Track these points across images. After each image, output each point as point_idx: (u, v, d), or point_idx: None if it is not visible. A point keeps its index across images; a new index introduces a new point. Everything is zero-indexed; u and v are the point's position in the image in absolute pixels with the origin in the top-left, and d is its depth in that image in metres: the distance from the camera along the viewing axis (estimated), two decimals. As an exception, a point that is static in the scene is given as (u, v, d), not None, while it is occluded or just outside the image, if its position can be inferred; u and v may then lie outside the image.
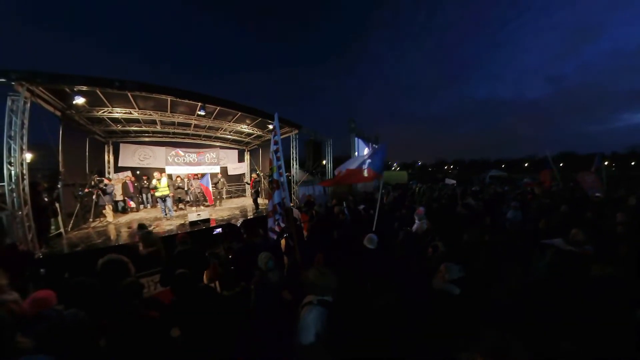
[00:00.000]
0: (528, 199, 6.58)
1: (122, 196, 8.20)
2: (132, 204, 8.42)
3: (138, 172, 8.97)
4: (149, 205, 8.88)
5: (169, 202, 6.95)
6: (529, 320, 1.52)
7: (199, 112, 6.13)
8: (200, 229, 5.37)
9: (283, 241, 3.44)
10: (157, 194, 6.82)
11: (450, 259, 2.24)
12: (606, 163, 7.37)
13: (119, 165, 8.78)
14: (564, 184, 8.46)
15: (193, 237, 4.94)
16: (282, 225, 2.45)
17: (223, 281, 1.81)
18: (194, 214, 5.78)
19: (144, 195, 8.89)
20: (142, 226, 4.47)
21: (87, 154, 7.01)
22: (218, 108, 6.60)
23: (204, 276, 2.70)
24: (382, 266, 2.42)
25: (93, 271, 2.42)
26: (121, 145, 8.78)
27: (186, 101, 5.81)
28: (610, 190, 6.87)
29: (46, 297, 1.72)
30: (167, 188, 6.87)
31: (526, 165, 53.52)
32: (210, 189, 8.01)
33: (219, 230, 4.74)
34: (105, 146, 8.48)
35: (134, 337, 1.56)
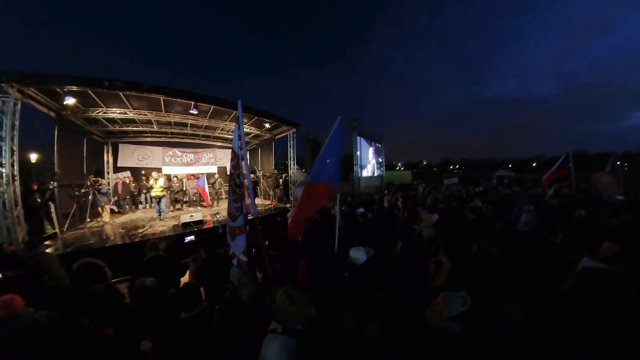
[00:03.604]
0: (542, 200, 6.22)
1: (114, 197, 8.17)
2: (114, 206, 8.04)
3: (143, 172, 9.00)
4: (147, 205, 8.89)
5: (163, 203, 6.91)
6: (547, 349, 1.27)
7: (192, 111, 6.06)
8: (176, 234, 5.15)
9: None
10: (152, 194, 6.82)
11: (456, 278, 1.93)
12: (618, 163, 6.90)
13: (118, 165, 8.81)
14: (576, 185, 7.95)
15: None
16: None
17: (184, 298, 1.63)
18: (187, 215, 5.71)
19: (143, 196, 8.92)
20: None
21: (84, 154, 7.02)
22: (212, 107, 6.52)
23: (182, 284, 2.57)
24: (371, 285, 1.90)
25: (70, 274, 2.35)
26: (120, 145, 8.81)
27: (179, 100, 5.75)
28: (627, 192, 6.47)
29: (12, 299, 1.65)
30: (162, 189, 6.83)
31: (534, 165, 52.28)
32: (207, 189, 7.94)
33: (192, 238, 4.47)
34: (104, 146, 8.52)
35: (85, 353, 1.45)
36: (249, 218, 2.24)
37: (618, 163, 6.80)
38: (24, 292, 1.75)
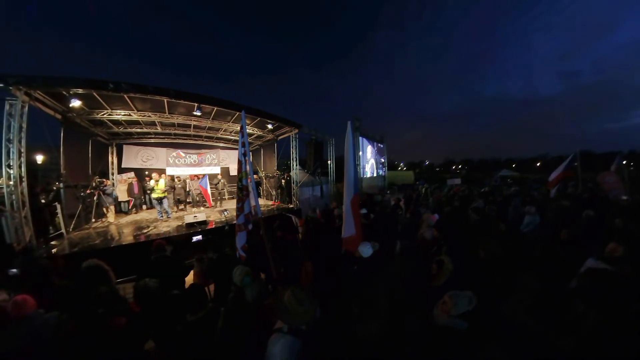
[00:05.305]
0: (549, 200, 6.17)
1: (127, 196, 8.32)
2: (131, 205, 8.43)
3: (147, 172, 9.08)
4: (152, 206, 8.99)
5: (165, 204, 6.96)
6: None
7: (195, 113, 6.12)
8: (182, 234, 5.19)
9: None
10: (153, 195, 6.85)
11: (458, 278, 1.92)
12: (624, 162, 6.81)
13: (122, 166, 8.90)
14: (583, 185, 7.83)
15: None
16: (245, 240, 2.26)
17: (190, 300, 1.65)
18: (190, 216, 5.75)
19: (147, 196, 9.01)
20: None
21: (90, 155, 7.11)
22: (215, 108, 6.57)
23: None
24: (374, 281, 2.00)
25: (77, 275, 2.39)
26: (124, 146, 8.90)
27: (182, 102, 5.81)
28: (633, 192, 6.39)
29: (26, 300, 1.70)
30: (162, 190, 6.84)
31: (538, 164, 51.80)
32: (209, 190, 8.00)
33: (199, 237, 4.50)
34: (109, 148, 8.62)
35: (97, 346, 1.48)
36: (254, 218, 2.31)
37: (624, 162, 6.71)
38: (33, 293, 1.80)
